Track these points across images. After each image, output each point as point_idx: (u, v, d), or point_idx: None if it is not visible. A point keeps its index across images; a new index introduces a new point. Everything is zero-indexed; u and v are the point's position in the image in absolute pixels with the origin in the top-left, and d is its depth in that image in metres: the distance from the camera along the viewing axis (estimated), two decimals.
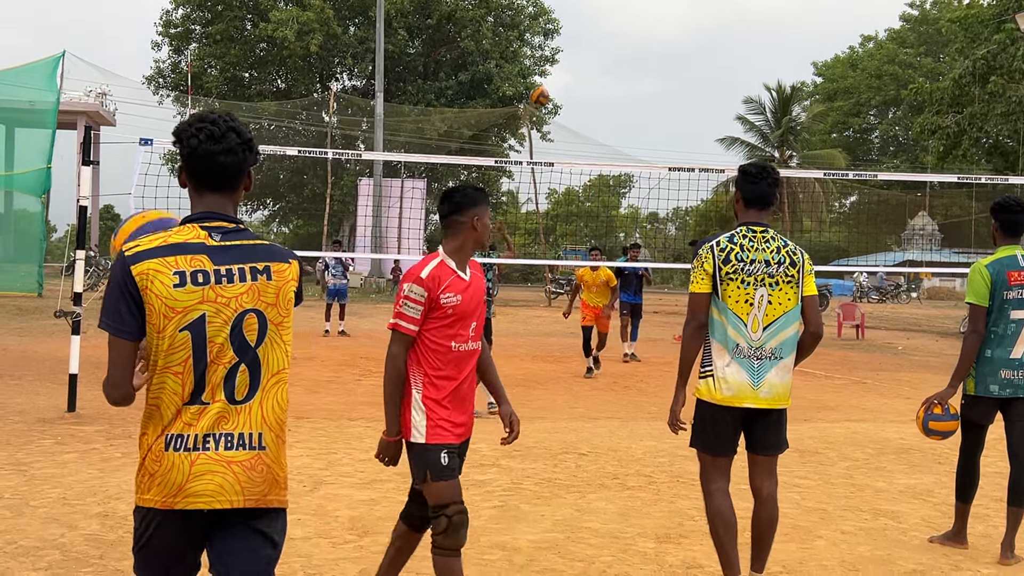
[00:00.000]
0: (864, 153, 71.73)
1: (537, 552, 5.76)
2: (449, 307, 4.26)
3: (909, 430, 10.88)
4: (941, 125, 28.34)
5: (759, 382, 4.80)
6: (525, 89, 51.51)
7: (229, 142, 2.96)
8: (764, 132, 56.97)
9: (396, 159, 36.10)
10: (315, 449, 8.65)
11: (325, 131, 41.57)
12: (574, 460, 8.61)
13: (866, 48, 74.99)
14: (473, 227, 4.39)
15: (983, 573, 5.69)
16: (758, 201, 4.99)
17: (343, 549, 5.70)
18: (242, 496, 2.88)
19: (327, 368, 15.07)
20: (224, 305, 2.90)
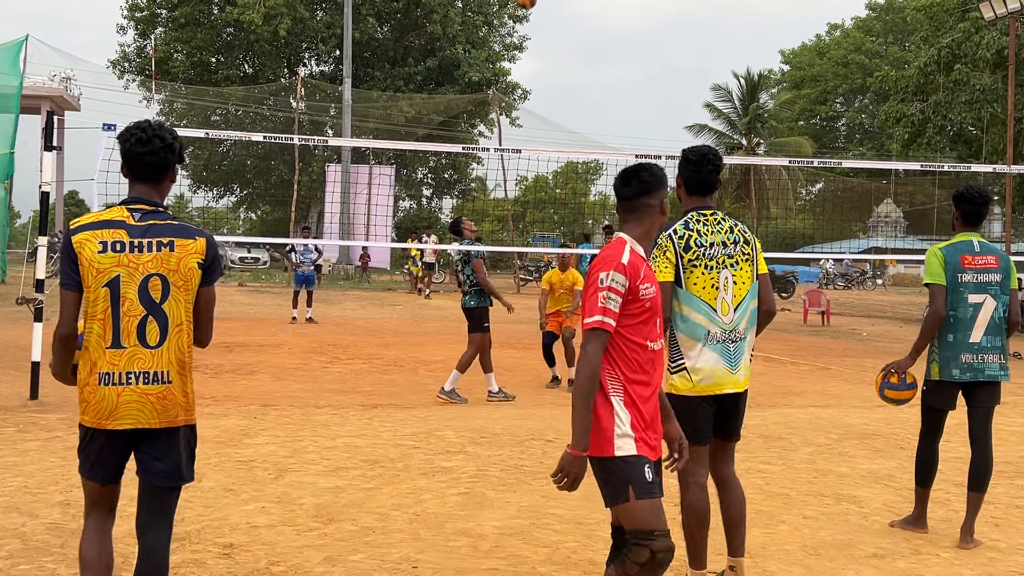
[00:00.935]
0: (831, 141, 72.18)
1: (502, 538, 5.78)
2: (647, 299, 3.78)
3: (873, 415, 11.01)
4: (906, 113, 28.57)
5: (737, 366, 4.81)
6: (493, 75, 51.41)
7: (153, 145, 3.83)
8: (732, 119, 57.16)
9: (363, 145, 35.96)
10: (280, 437, 8.62)
11: (293, 117, 41.28)
12: (540, 447, 8.63)
13: (833, 36, 75.40)
14: (662, 210, 3.97)
15: (943, 557, 5.76)
16: (701, 187, 4.94)
17: (308, 536, 5.69)
18: (158, 419, 3.77)
19: (294, 355, 15.02)
20: (135, 269, 3.74)
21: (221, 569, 5.08)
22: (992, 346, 6.05)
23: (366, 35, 48.77)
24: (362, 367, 13.86)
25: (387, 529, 5.88)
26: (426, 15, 50.45)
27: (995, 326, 6.05)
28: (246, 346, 15.95)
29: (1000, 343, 6.08)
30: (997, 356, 6.07)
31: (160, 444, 3.80)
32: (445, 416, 10.05)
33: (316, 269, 23.20)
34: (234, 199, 58.84)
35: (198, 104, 48.85)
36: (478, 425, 9.53)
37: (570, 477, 3.72)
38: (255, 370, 13.21)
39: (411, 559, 5.33)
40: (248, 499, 6.47)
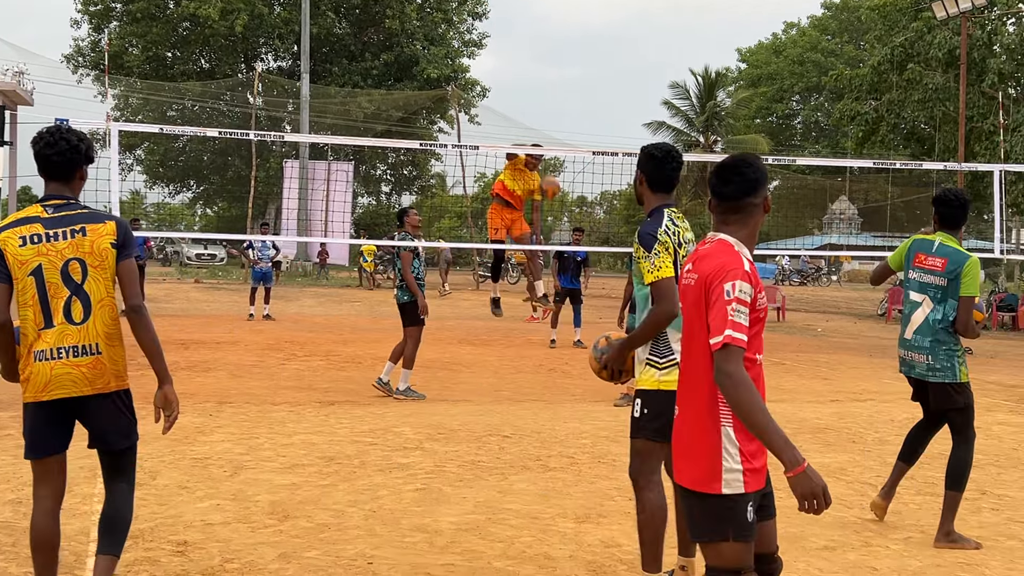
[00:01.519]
0: (787, 138, 72.82)
1: (458, 534, 5.80)
2: (761, 310, 3.46)
3: (826, 410, 11.15)
4: (860, 111, 28.91)
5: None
6: (452, 71, 51.32)
7: (60, 147, 4.21)
8: (689, 117, 57.47)
9: (319, 141, 35.66)
10: (236, 434, 8.59)
11: (250, 112, 41.00)
12: (497, 442, 8.66)
13: (789, 35, 76.04)
14: (766, 208, 3.63)
15: (892, 548, 5.86)
16: (667, 184, 4.88)
17: (262, 533, 5.68)
18: (90, 387, 4.15)
19: (251, 352, 14.94)
20: (54, 256, 4.15)
21: (175, 567, 5.06)
22: (919, 345, 6.14)
23: (324, 30, 48.54)
24: (319, 364, 13.82)
25: (343, 526, 5.88)
26: (384, 10, 50.27)
27: (927, 327, 6.11)
28: (202, 343, 15.84)
29: (928, 344, 6.10)
30: (924, 356, 6.13)
31: (98, 411, 4.21)
32: (402, 412, 10.05)
33: (274, 266, 23.11)
34: (191, 195, 58.37)
35: (154, 99, 48.41)
36: (435, 421, 9.55)
37: (813, 496, 3.29)
38: (211, 367, 13.13)
39: (366, 555, 5.34)
40: (203, 496, 6.44)
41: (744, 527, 3.43)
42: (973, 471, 8.04)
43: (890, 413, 11.08)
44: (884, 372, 15.44)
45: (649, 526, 4.69)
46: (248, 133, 13.68)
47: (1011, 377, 15.29)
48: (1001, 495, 7.35)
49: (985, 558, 5.73)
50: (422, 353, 15.54)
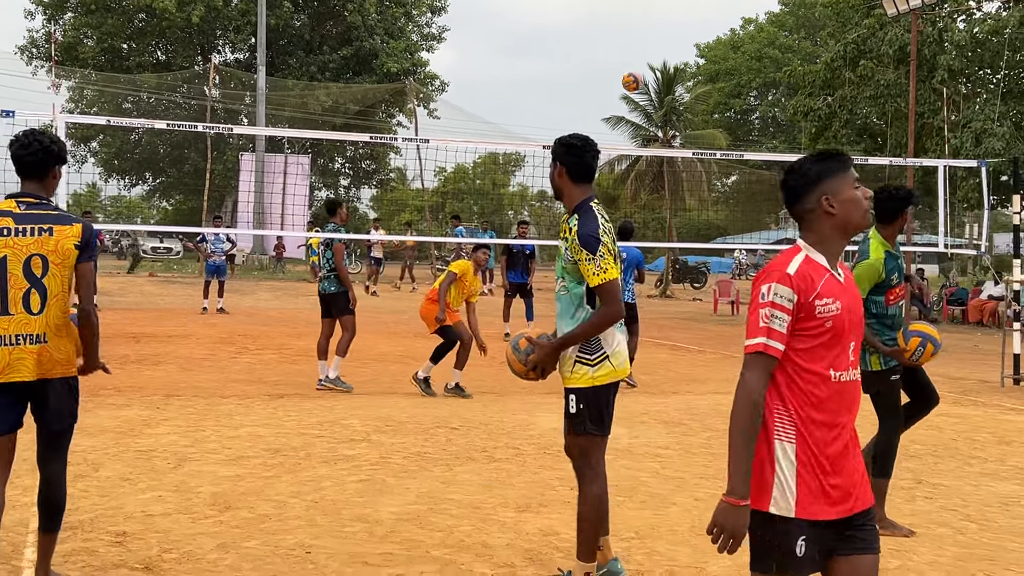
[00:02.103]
0: (745, 133, 73.26)
1: (398, 524, 5.85)
2: (827, 318, 3.09)
3: None
4: (813, 107, 29.18)
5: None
6: (411, 65, 51.20)
7: (32, 148, 4.55)
8: (648, 112, 57.66)
9: (271, 133, 35.58)
10: (183, 427, 8.58)
11: (207, 105, 40.70)
12: (445, 434, 8.71)
13: (747, 31, 76.49)
14: (828, 208, 3.20)
15: None
16: (588, 174, 4.84)
17: (202, 524, 5.70)
18: (38, 372, 4.45)
19: (202, 346, 14.88)
20: (19, 250, 4.44)
21: (112, 557, 5.08)
22: None
23: (282, 22, 48.25)
24: (271, 357, 13.80)
25: (283, 516, 5.92)
26: (343, 3, 50.05)
27: None
28: (154, 336, 15.76)
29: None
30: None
31: (46, 394, 4.50)
32: (351, 405, 10.08)
33: (228, 259, 22.99)
34: (147, 188, 57.83)
35: (109, 91, 47.88)
36: (384, 414, 9.59)
37: (727, 532, 2.99)
38: (161, 360, 13.07)
39: (305, 544, 5.37)
40: (145, 488, 6.45)
41: (791, 560, 3.02)
42: (911, 461, 8.24)
43: None
44: None
45: (589, 518, 4.73)
46: (197, 125, 13.60)
47: (957, 370, 15.54)
48: (936, 484, 7.50)
49: (915, 544, 5.86)
50: (376, 346, 15.60)
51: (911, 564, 5.47)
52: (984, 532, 6.20)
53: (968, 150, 23.86)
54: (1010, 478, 7.83)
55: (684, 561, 5.34)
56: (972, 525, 6.36)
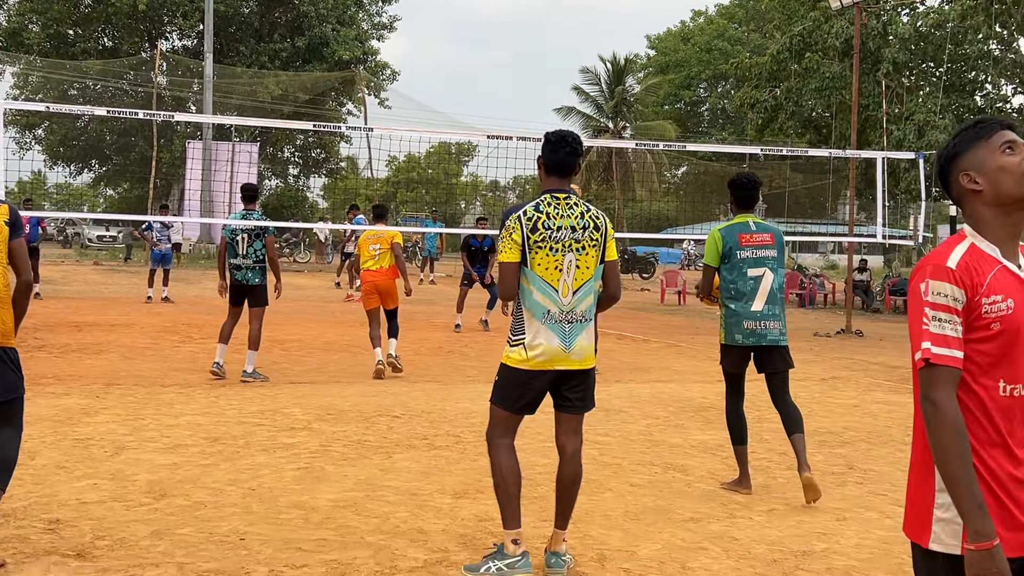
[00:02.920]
0: (695, 125, 73.81)
1: (334, 510, 5.88)
2: (996, 318, 2.58)
3: (712, 389, 11.45)
4: (760, 99, 29.47)
5: (571, 345, 4.94)
6: (362, 54, 50.95)
7: None
8: (599, 103, 57.91)
9: (215, 121, 35.03)
10: (122, 415, 8.53)
11: (154, 92, 40.19)
12: (386, 422, 8.74)
13: (697, 23, 76.97)
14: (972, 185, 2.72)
15: (755, 520, 6.09)
16: (559, 168, 5.07)
17: (137, 512, 5.69)
18: None
19: (146, 334, 14.76)
20: None
21: (44, 544, 5.06)
22: (772, 314, 6.69)
23: (231, 9, 47.77)
24: (215, 347, 13.63)
25: (219, 504, 5.92)
26: None
27: (773, 296, 6.67)
28: (96, 325, 15.60)
29: (778, 311, 6.72)
30: (777, 323, 6.68)
31: None
32: (294, 394, 10.07)
33: (174, 248, 22.78)
34: (93, 176, 57.06)
35: (54, 78, 47.13)
36: (326, 402, 9.59)
37: None
38: (103, 349, 12.96)
39: (240, 531, 5.39)
40: (80, 476, 6.42)
41: None
42: (844, 447, 8.43)
43: None
44: None
45: (500, 486, 4.95)
46: (138, 112, 13.45)
47: (896, 359, 15.83)
48: (867, 469, 7.66)
49: (842, 527, 6.00)
50: (323, 335, 15.57)
51: (837, 547, 5.60)
52: None
53: (911, 142, 24.22)
54: None
55: (615, 545, 5.43)
56: (899, 509, 6.43)
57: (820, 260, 55.29)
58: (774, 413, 9.92)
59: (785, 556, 5.38)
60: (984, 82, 28.04)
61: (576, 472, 5.08)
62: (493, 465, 5.01)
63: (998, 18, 25.31)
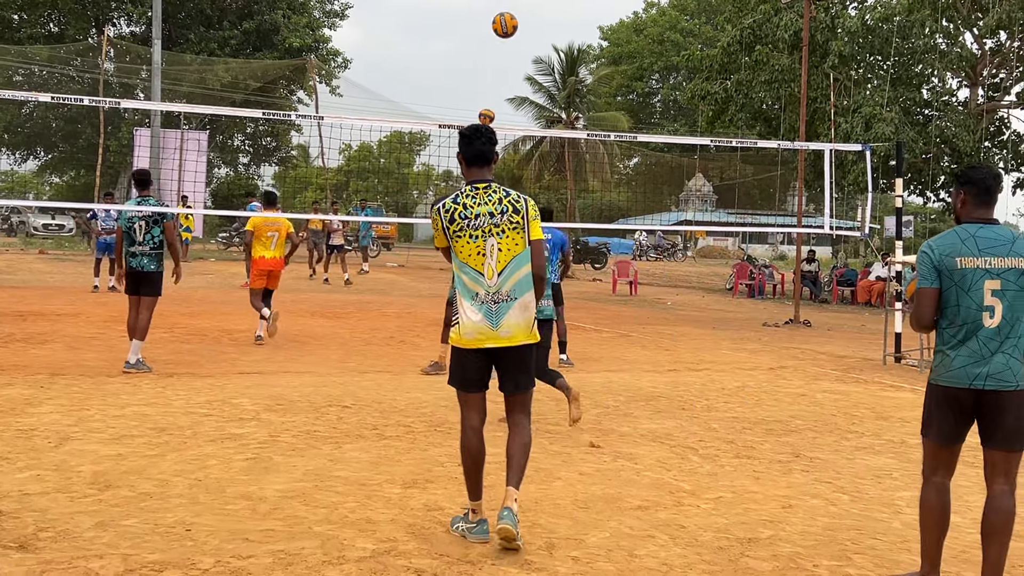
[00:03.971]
0: (647, 116, 74.11)
1: (282, 501, 5.85)
2: None
3: (661, 379, 11.54)
4: (711, 91, 29.66)
5: (498, 323, 5.20)
6: (313, 41, 50.56)
7: None
8: (552, 93, 58.00)
9: (162, 108, 34.40)
10: (66, 406, 8.41)
11: (100, 78, 39.58)
12: (336, 413, 8.70)
13: (650, 14, 77.27)
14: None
15: (702, 508, 6.14)
16: (477, 159, 5.36)
17: (81, 503, 5.62)
18: None
19: (92, 324, 14.57)
20: None
21: None
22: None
23: None
24: (163, 336, 13.55)
25: (165, 495, 5.87)
26: None
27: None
28: (41, 315, 15.38)
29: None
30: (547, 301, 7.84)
31: None
32: (243, 384, 9.99)
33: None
34: (38, 163, 56.15)
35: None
36: (276, 393, 9.53)
37: None
38: (48, 339, 12.78)
39: (186, 522, 5.34)
40: (23, 467, 6.32)
41: None
42: (791, 435, 8.54)
43: (722, 382, 11.54)
44: (722, 343, 16.03)
45: (463, 462, 5.39)
46: (83, 99, 13.24)
47: (843, 348, 16.04)
48: (813, 457, 7.75)
49: (788, 515, 6.06)
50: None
51: (783, 534, 5.66)
52: (855, 503, 6.44)
53: (858, 134, 24.53)
54: (884, 452, 8.13)
55: (564, 533, 5.45)
56: (844, 496, 6.60)
57: (770, 251, 55.83)
58: (723, 402, 10.08)
59: (731, 543, 5.44)
60: (931, 75, 28.42)
61: (525, 440, 5.35)
62: (460, 442, 5.40)
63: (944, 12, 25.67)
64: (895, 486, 6.90)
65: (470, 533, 5.24)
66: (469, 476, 5.35)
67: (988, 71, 28.61)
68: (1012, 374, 4.59)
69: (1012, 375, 4.59)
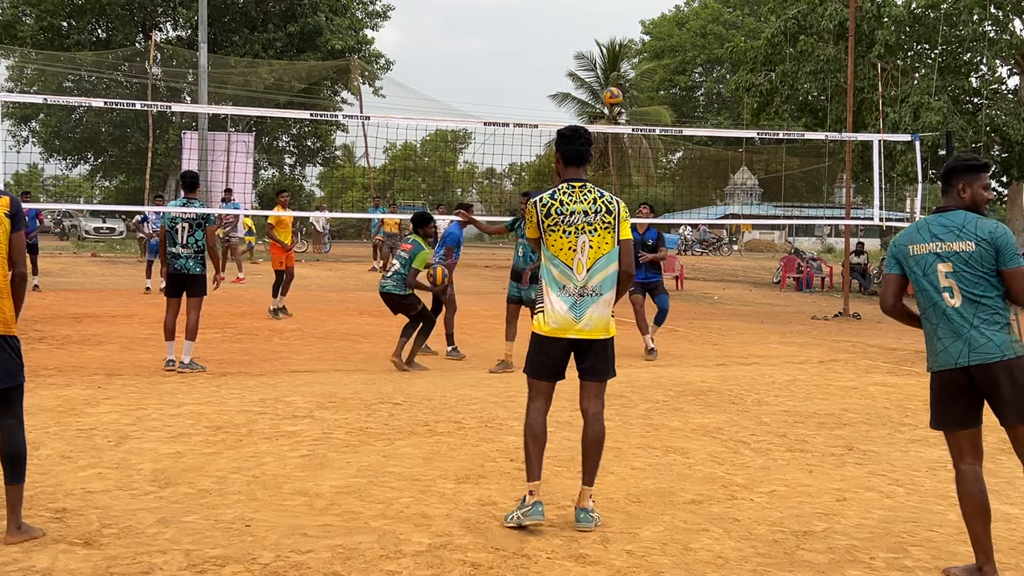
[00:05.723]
0: (691, 110, 73.73)
1: (338, 496, 5.92)
2: None
3: (710, 373, 11.51)
4: (755, 83, 29.46)
5: (580, 315, 5.47)
6: (356, 43, 50.86)
7: None
8: (594, 88, 57.86)
9: (208, 111, 34.78)
10: (124, 405, 8.56)
11: (148, 83, 40.09)
12: (388, 409, 8.77)
13: (691, 7, 76.84)
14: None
15: (756, 501, 6.13)
16: (575, 159, 5.66)
17: (142, 500, 5.73)
18: None
19: (145, 325, 14.78)
20: None
21: (52, 533, 5.09)
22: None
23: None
24: (215, 336, 13.73)
25: (224, 491, 5.96)
26: None
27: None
28: (96, 317, 15.63)
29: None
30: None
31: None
32: (295, 383, 10.11)
33: None
34: (88, 168, 56.97)
35: (49, 70, 46.99)
36: (328, 390, 9.62)
37: None
38: (103, 340, 12.99)
39: (245, 518, 5.43)
40: (85, 466, 6.46)
41: None
42: (843, 428, 8.49)
43: (772, 376, 11.48)
44: (771, 337, 15.95)
45: (525, 444, 5.55)
46: (135, 103, 13.45)
47: (894, 341, 15.87)
48: (867, 450, 7.70)
49: (842, 508, 6.04)
50: (323, 324, 15.61)
51: (838, 527, 5.64)
52: (910, 495, 6.40)
53: (906, 124, 24.25)
54: (938, 444, 8.02)
55: (618, 527, 5.47)
56: (899, 489, 6.56)
57: (817, 244, 55.35)
58: (773, 395, 10.03)
59: (786, 536, 5.43)
60: (979, 63, 28.03)
61: (598, 432, 5.58)
62: (524, 424, 5.60)
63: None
64: (950, 478, 6.79)
65: (525, 517, 5.33)
66: (529, 458, 5.48)
67: None
68: (994, 345, 4.68)
69: (994, 346, 4.68)
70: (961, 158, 5.01)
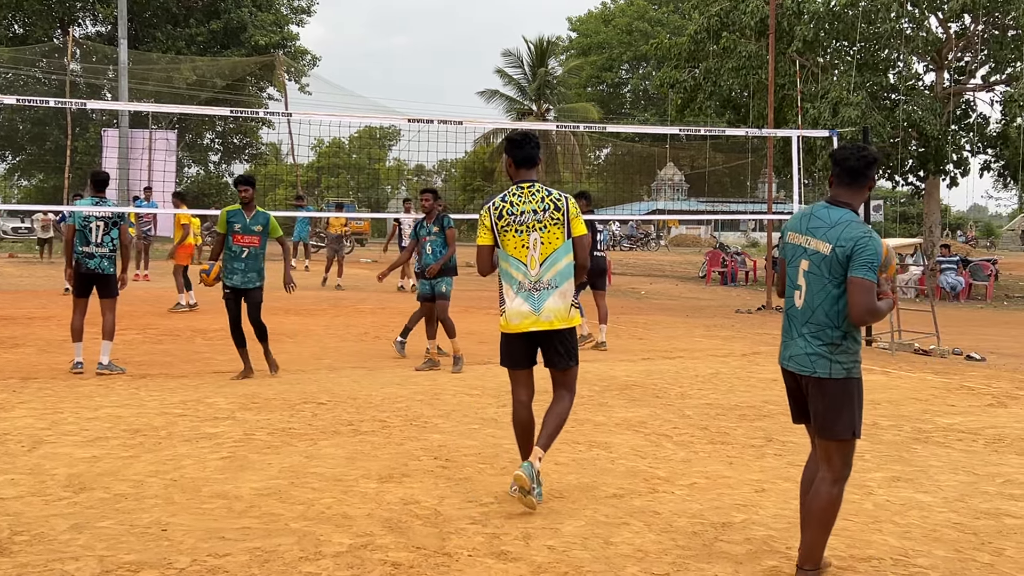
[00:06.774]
0: (617, 107, 74.24)
1: (258, 498, 5.85)
2: None
3: (635, 368, 11.59)
4: (679, 79, 29.75)
5: (539, 308, 5.82)
6: (280, 39, 50.37)
7: None
8: (522, 85, 58.01)
9: (131, 108, 34.19)
10: (39, 409, 8.38)
11: (67, 79, 39.28)
12: (312, 409, 8.70)
13: (618, 4, 77.35)
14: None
15: (676, 494, 6.19)
16: (525, 162, 5.98)
17: (56, 506, 5.61)
18: None
19: (63, 327, 14.35)
20: None
21: None
22: None
23: None
24: (135, 337, 13.50)
25: (140, 495, 5.86)
26: None
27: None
28: (12, 319, 15.27)
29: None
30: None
31: None
32: (217, 384, 9.98)
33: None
34: (5, 166, 55.68)
35: None
36: (250, 391, 9.52)
37: None
38: (19, 343, 12.70)
39: (162, 522, 5.34)
40: None
41: None
42: (763, 420, 8.59)
43: (695, 369, 11.61)
44: (696, 331, 16.12)
45: (515, 433, 6.09)
46: (49, 100, 13.14)
47: None
48: (785, 441, 7.81)
49: (761, 499, 6.12)
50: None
51: (756, 518, 5.71)
52: None
53: (826, 120, 24.65)
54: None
55: (540, 523, 5.49)
56: None
57: (742, 238, 56.08)
58: (696, 389, 10.14)
59: (705, 528, 5.49)
60: (896, 60, 28.61)
61: (562, 410, 5.95)
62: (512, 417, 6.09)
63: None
64: (866, 467, 6.98)
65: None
66: (520, 443, 6.03)
67: (953, 55, 28.80)
68: (808, 360, 4.50)
69: (808, 361, 4.50)
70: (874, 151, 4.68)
